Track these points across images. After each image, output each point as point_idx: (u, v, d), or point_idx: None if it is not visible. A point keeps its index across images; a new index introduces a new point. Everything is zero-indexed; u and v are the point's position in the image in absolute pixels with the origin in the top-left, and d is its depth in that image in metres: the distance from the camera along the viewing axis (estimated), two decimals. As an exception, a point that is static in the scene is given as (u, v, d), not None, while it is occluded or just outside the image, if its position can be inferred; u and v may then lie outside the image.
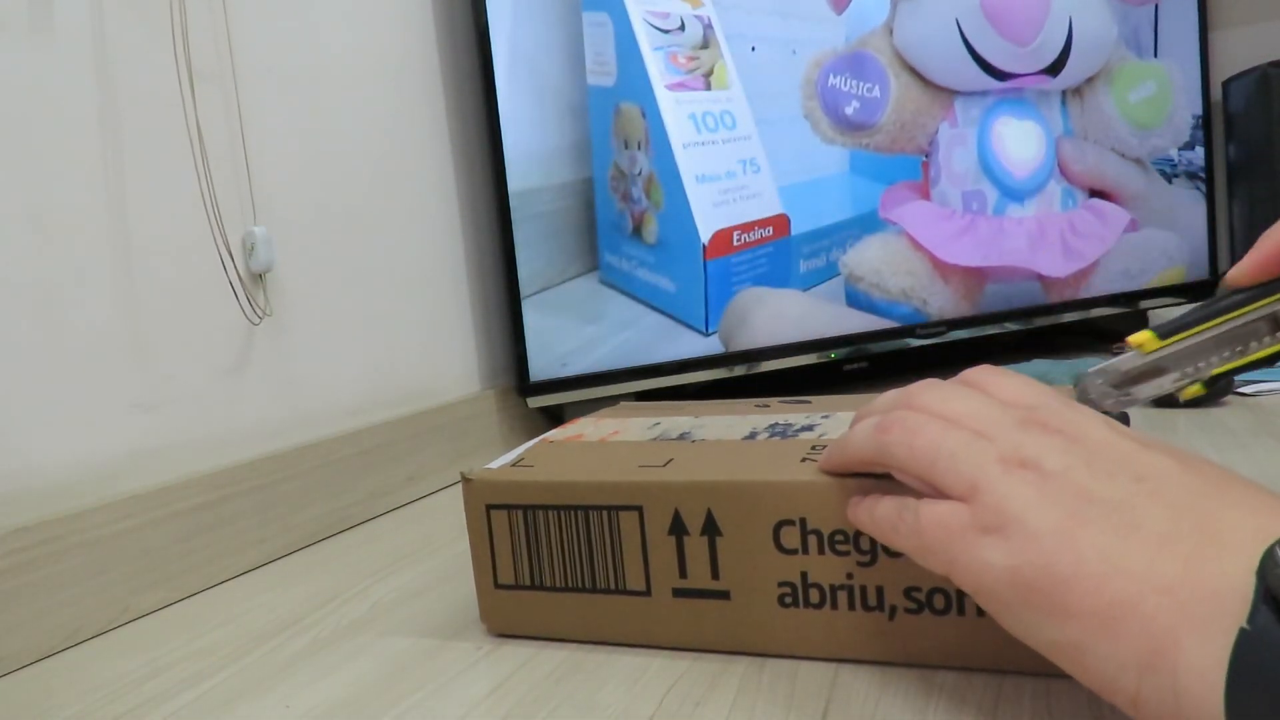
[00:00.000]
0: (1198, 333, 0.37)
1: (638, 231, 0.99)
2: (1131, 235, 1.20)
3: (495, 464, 0.48)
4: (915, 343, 1.11)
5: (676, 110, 0.99)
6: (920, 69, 1.09)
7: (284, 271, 0.75)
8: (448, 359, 0.94)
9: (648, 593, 0.42)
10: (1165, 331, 0.38)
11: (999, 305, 1.15)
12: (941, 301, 1.12)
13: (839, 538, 0.38)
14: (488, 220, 1.00)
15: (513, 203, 0.93)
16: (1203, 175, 1.25)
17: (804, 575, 0.38)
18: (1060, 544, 0.27)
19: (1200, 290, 1.26)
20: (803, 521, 0.38)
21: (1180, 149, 1.23)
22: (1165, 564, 0.25)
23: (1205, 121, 1.25)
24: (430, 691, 0.42)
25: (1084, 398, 0.40)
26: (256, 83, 0.73)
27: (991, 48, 1.11)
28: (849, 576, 0.38)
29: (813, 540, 0.38)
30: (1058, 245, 1.17)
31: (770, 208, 1.04)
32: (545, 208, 0.96)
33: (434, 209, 0.94)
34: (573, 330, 0.97)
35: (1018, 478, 0.29)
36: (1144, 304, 1.23)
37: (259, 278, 0.72)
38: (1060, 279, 1.18)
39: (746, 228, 1.03)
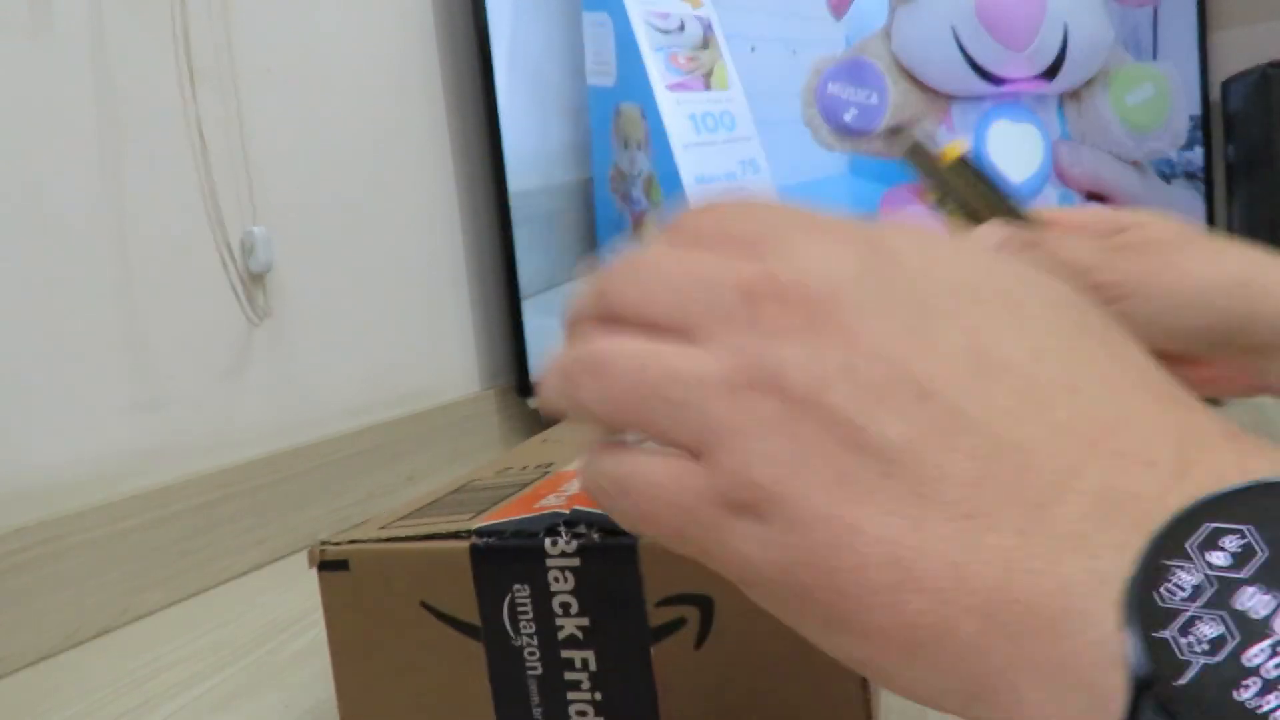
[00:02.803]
0: (974, 191, 0.43)
1: (638, 232, 0.99)
2: (1130, 236, 1.21)
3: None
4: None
5: (676, 111, 0.99)
6: (918, 74, 1.10)
7: (284, 271, 0.75)
8: (448, 359, 0.94)
9: None
10: (962, 162, 0.43)
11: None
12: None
13: None
14: (488, 220, 1.00)
15: (513, 203, 0.93)
16: (1202, 176, 1.25)
17: None
18: (833, 537, 0.18)
19: (1199, 291, 1.26)
20: None
21: (1179, 150, 1.24)
22: (978, 570, 0.17)
23: (1204, 122, 1.25)
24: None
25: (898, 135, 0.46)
26: (256, 83, 0.73)
27: (987, 53, 1.11)
28: None
29: None
30: (1057, 246, 1.17)
31: (770, 208, 1.04)
32: (545, 208, 0.96)
33: (434, 209, 0.94)
34: (572, 330, 0.97)
35: (753, 412, 0.19)
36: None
37: (259, 278, 0.72)
38: (1059, 280, 1.18)
39: (746, 228, 1.03)
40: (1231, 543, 0.15)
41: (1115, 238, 0.40)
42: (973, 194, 0.42)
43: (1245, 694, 0.13)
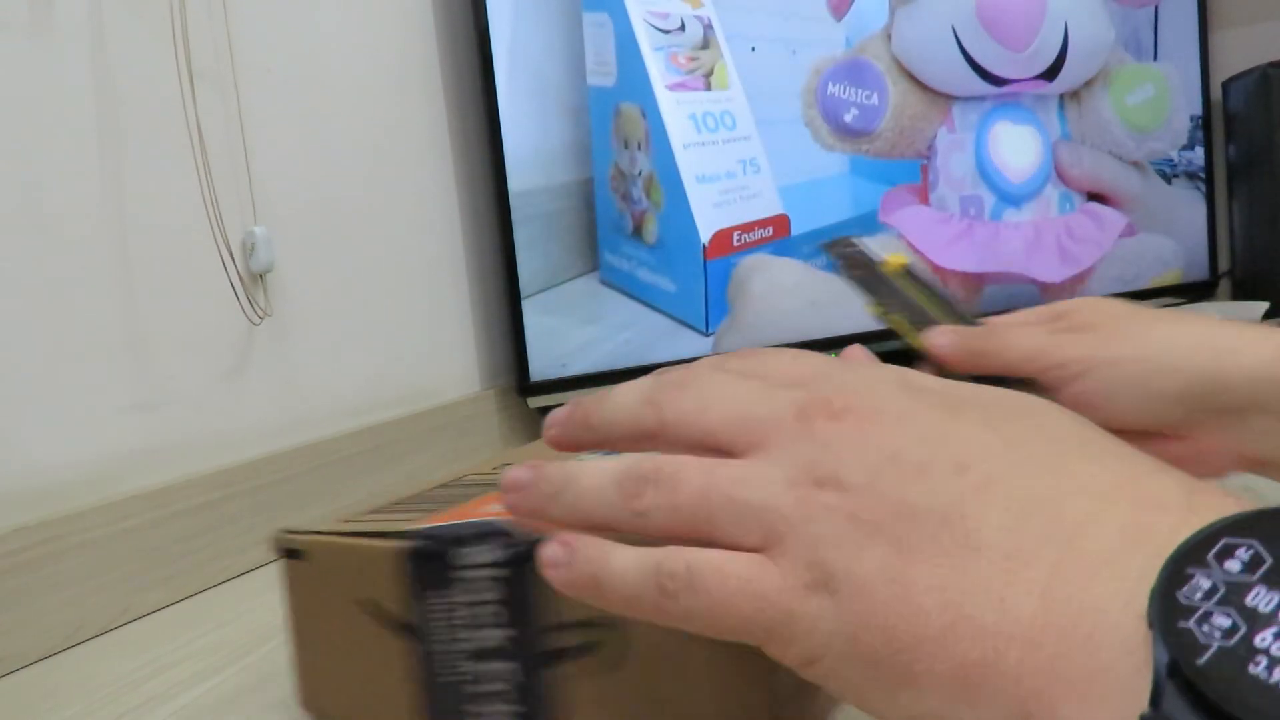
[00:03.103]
0: (914, 297, 0.45)
1: (638, 232, 0.99)
2: (1127, 241, 1.21)
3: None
4: (914, 343, 1.11)
5: (676, 110, 0.99)
6: (918, 75, 1.10)
7: (284, 271, 0.75)
8: (448, 359, 0.94)
9: None
10: (907, 273, 0.46)
11: (998, 307, 1.16)
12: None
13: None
14: (488, 220, 1.00)
15: (513, 203, 0.93)
16: (1202, 175, 1.25)
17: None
18: (891, 595, 0.21)
19: (1199, 290, 1.26)
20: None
21: (1180, 149, 1.24)
22: (1018, 600, 0.19)
23: (1205, 122, 1.25)
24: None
25: (830, 248, 0.47)
26: (256, 83, 0.73)
27: (987, 53, 1.11)
28: None
29: None
30: (1054, 250, 1.17)
31: (770, 208, 1.04)
32: (545, 208, 0.96)
33: (434, 209, 0.94)
34: (573, 330, 0.97)
35: (818, 505, 0.22)
36: (1143, 305, 1.23)
37: (259, 278, 0.72)
38: (1056, 284, 1.18)
39: (747, 228, 1.03)
40: (1243, 553, 0.17)
41: (1056, 323, 0.40)
42: (919, 301, 0.44)
43: (1257, 668, 0.15)
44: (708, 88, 1.01)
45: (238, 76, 0.71)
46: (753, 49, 1.03)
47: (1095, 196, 1.19)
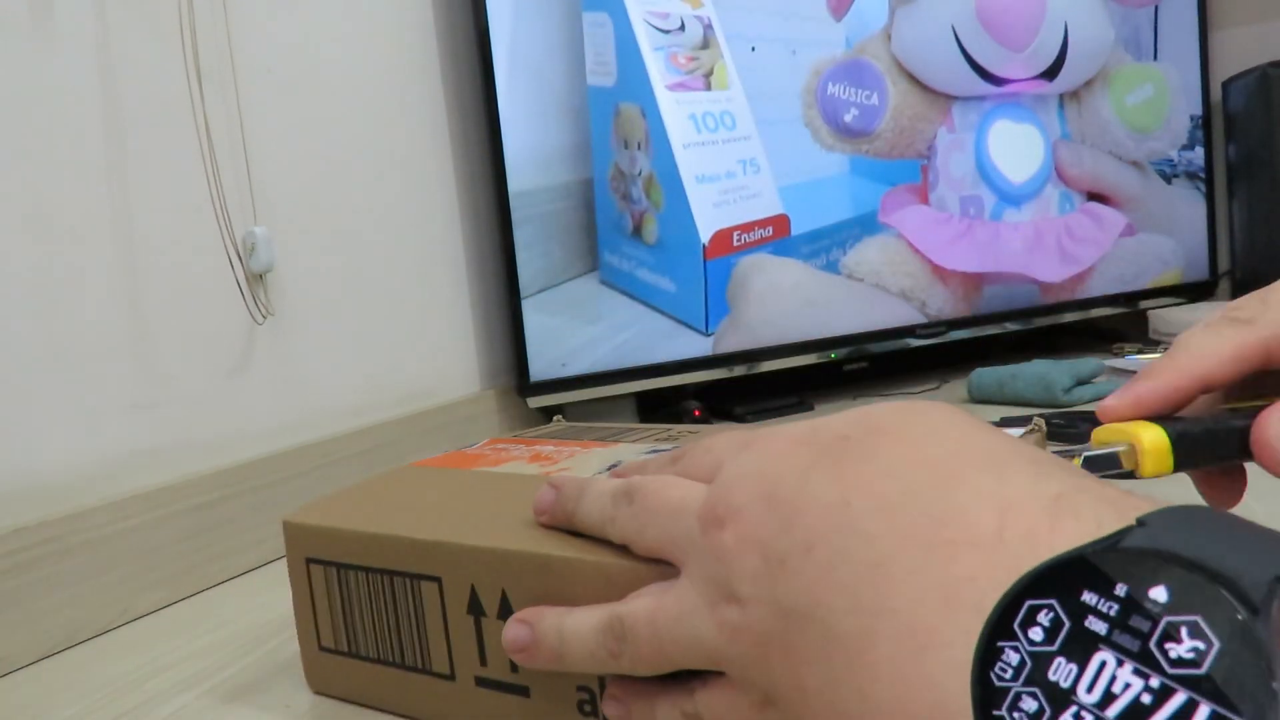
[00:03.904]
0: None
1: (638, 232, 0.99)
2: (1127, 240, 1.21)
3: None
4: (915, 343, 1.11)
5: (676, 110, 0.99)
6: (918, 75, 1.10)
7: (284, 271, 0.75)
8: (448, 359, 0.94)
9: (452, 677, 0.37)
10: (1180, 467, 0.31)
11: (998, 306, 1.16)
12: (940, 302, 1.12)
13: None
14: (488, 220, 1.00)
15: (513, 203, 0.93)
16: (1202, 175, 1.25)
17: (601, 682, 0.32)
18: (799, 701, 0.24)
19: (1199, 290, 1.26)
20: None
21: (1180, 149, 1.24)
22: (874, 690, 0.21)
23: (1205, 122, 1.25)
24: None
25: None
26: (257, 83, 0.73)
27: (987, 53, 1.11)
28: None
29: None
30: (1054, 250, 1.17)
31: (770, 208, 1.04)
32: (545, 208, 0.96)
33: (434, 209, 0.94)
34: (573, 330, 0.97)
35: (731, 630, 0.25)
36: (1144, 304, 1.23)
37: (260, 278, 0.72)
38: (1056, 284, 1.18)
39: (746, 228, 1.03)
40: (1044, 617, 0.18)
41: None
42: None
43: None
44: (708, 88, 1.01)
45: (238, 76, 0.71)
46: (753, 49, 1.03)
47: (1095, 196, 1.19)
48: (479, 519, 0.38)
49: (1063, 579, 0.18)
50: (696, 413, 1.02)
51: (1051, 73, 1.14)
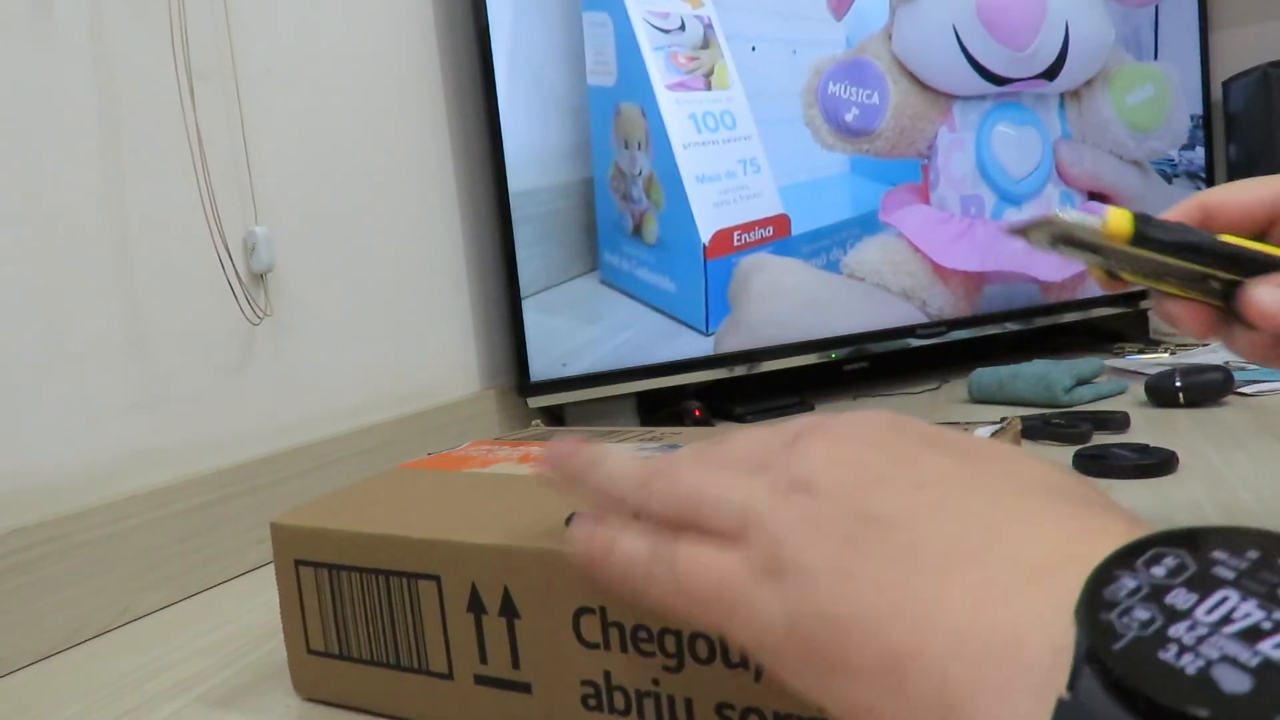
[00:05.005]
0: (1158, 257, 0.37)
1: (638, 231, 0.99)
2: (1131, 236, 1.20)
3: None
4: (915, 343, 1.11)
5: (676, 110, 0.99)
6: (919, 74, 1.10)
7: (284, 271, 0.75)
8: (448, 359, 0.94)
9: (450, 676, 0.37)
10: (1139, 238, 0.36)
11: (998, 306, 1.16)
12: (941, 302, 1.12)
13: (642, 634, 0.32)
14: (488, 220, 1.00)
15: (513, 203, 0.93)
16: (1203, 175, 1.25)
17: (607, 675, 0.32)
18: (836, 583, 0.23)
19: (1200, 291, 1.26)
20: (602, 611, 0.32)
21: (1180, 149, 1.24)
22: (953, 600, 0.21)
23: (1205, 121, 1.25)
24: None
25: (1027, 231, 0.40)
26: (256, 83, 0.73)
27: (988, 53, 1.11)
28: (654, 683, 0.32)
29: (614, 634, 0.32)
30: (1057, 246, 1.16)
31: (771, 208, 1.04)
32: (545, 208, 0.96)
33: (434, 209, 0.94)
34: (573, 330, 0.97)
35: (788, 504, 0.25)
36: (1144, 304, 1.23)
37: (259, 278, 0.72)
38: (1057, 283, 1.18)
39: (747, 228, 1.03)
40: (1170, 561, 0.18)
41: None
42: (1166, 259, 0.36)
43: (1167, 654, 0.16)
44: (708, 87, 1.01)
45: (238, 77, 0.71)
46: (753, 49, 1.03)
47: (1096, 195, 1.19)
48: (475, 518, 0.38)
49: (1194, 539, 0.19)
50: (697, 413, 1.02)
51: (1052, 72, 1.14)
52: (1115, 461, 0.65)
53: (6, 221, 0.55)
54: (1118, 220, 0.36)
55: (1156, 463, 0.64)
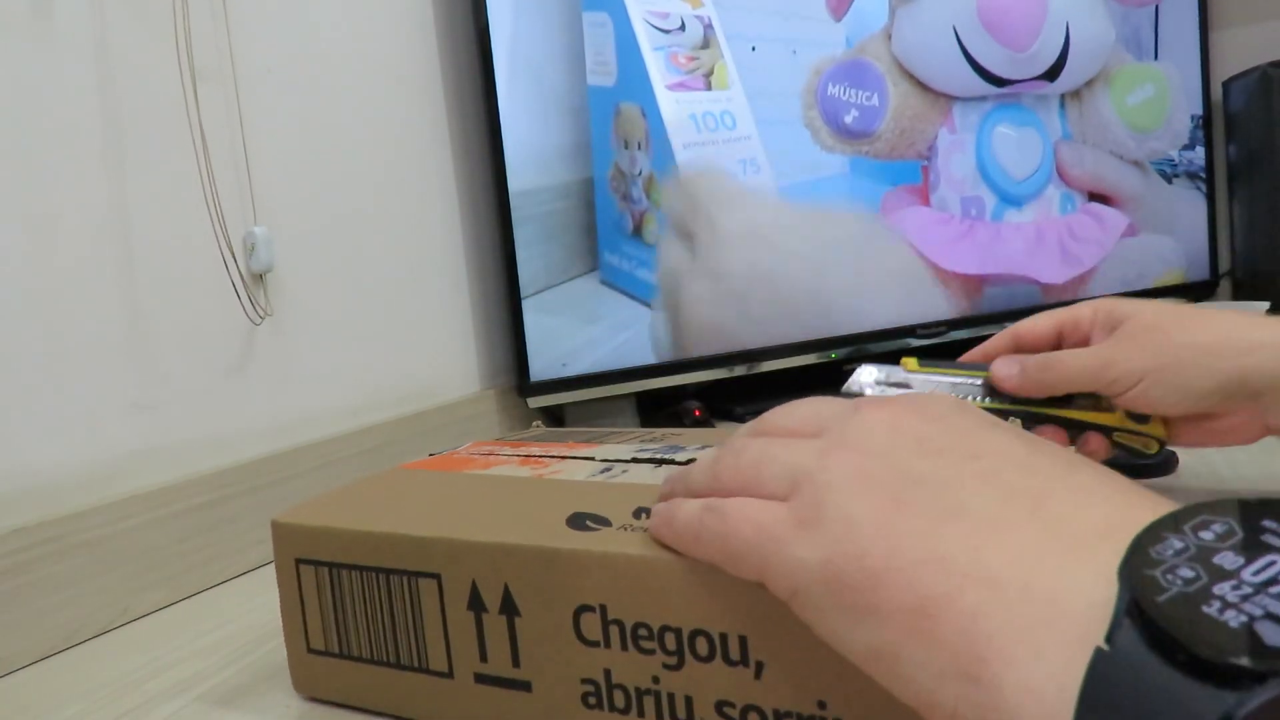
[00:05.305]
0: (937, 373, 0.51)
1: (638, 231, 0.99)
2: (1128, 241, 1.20)
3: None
4: (915, 343, 1.11)
5: (677, 110, 0.99)
6: (919, 75, 1.09)
7: (284, 271, 0.75)
8: (448, 359, 0.94)
9: (450, 675, 0.37)
10: (922, 363, 0.51)
11: (999, 306, 1.16)
12: (941, 302, 1.12)
13: (642, 632, 0.32)
14: (488, 220, 1.00)
15: (513, 203, 0.93)
16: (1203, 175, 1.25)
17: (607, 674, 0.33)
18: (876, 531, 0.23)
19: (1201, 290, 1.26)
20: (603, 609, 0.32)
21: (1181, 149, 1.23)
22: (991, 554, 0.21)
23: (1205, 122, 1.25)
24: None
25: (851, 387, 0.53)
26: (256, 83, 0.73)
27: (989, 54, 1.11)
28: (654, 681, 0.32)
29: (614, 632, 0.32)
30: (1056, 251, 1.17)
31: (770, 208, 1.04)
32: (545, 208, 0.96)
33: (434, 209, 0.94)
34: (573, 330, 0.97)
35: (840, 460, 0.26)
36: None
37: (259, 278, 0.72)
38: (1058, 285, 1.18)
39: (746, 228, 1.02)
40: (1218, 527, 0.18)
41: (1117, 331, 0.48)
42: (952, 374, 0.51)
43: (1210, 608, 0.17)
44: (708, 87, 1.01)
45: (238, 77, 0.71)
46: (753, 49, 1.03)
47: (1097, 197, 1.19)
48: (476, 516, 0.38)
49: (1241, 509, 0.19)
50: (697, 413, 1.02)
51: (1053, 73, 1.14)
52: (1115, 461, 0.65)
53: (6, 221, 0.55)
54: (907, 360, 0.52)
55: (1156, 462, 0.64)
